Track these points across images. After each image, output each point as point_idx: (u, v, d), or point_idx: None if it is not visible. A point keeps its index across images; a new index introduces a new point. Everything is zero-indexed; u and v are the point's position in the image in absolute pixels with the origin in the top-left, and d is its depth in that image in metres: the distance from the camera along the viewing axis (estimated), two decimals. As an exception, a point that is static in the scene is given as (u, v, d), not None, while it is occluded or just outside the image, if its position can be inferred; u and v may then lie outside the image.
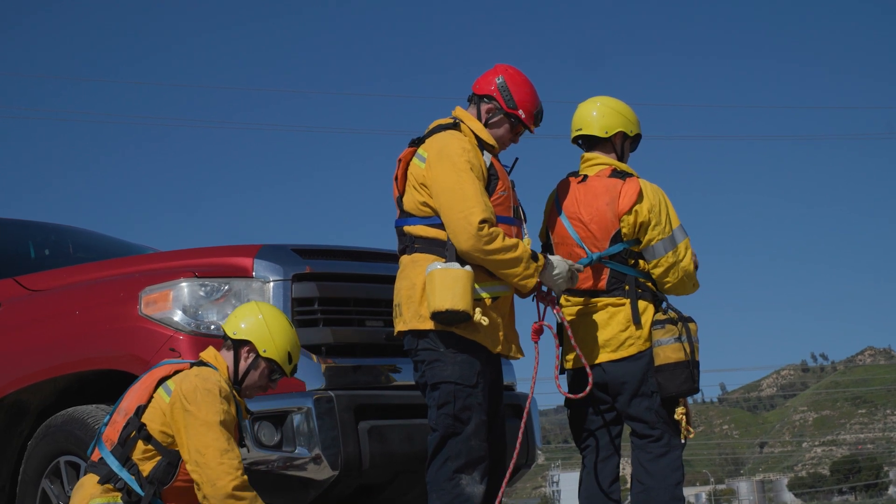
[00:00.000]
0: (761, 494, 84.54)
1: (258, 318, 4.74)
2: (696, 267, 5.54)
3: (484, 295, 4.93)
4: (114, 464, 4.49)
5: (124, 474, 4.47)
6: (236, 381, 4.73)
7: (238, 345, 4.74)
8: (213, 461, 4.41)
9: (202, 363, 4.70)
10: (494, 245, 4.83)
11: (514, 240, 4.93)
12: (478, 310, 4.85)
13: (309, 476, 5.16)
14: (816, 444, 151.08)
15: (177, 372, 4.62)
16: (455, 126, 5.09)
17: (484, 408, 4.91)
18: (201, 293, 5.28)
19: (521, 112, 5.10)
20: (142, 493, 4.45)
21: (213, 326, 5.23)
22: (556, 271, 5.03)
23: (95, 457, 4.59)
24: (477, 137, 5.08)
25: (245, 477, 4.46)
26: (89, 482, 4.51)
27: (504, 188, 5.04)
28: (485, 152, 5.05)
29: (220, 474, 4.40)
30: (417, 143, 5.11)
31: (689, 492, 74.87)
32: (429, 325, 4.88)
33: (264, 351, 4.71)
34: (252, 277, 5.35)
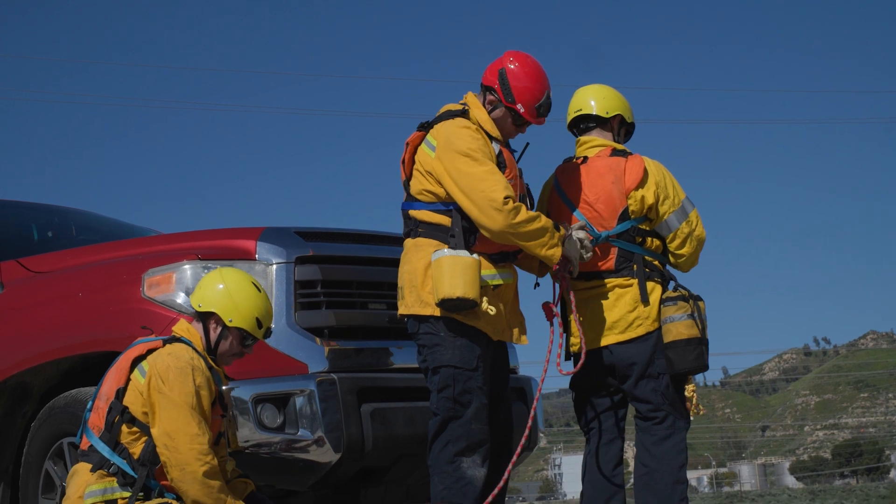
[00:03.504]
0: (763, 478, 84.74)
1: (221, 288, 4.73)
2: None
3: (489, 282, 4.95)
4: (104, 450, 4.50)
5: (116, 459, 4.48)
6: (210, 350, 4.74)
7: (205, 316, 4.74)
8: (183, 446, 4.42)
9: (175, 339, 4.69)
10: (521, 217, 4.86)
11: (535, 212, 4.96)
12: (485, 298, 4.88)
13: (311, 458, 5.16)
14: (818, 427, 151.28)
15: (150, 351, 4.62)
16: (464, 113, 5.08)
17: (485, 391, 4.93)
18: (204, 275, 5.27)
19: (519, 106, 5.05)
20: (135, 476, 4.46)
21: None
22: (575, 238, 5.07)
23: (84, 445, 4.59)
24: (483, 128, 5.07)
25: (215, 462, 4.47)
26: (82, 470, 4.52)
27: (511, 176, 5.03)
28: (493, 141, 5.05)
29: (190, 459, 4.41)
30: (426, 127, 5.10)
31: (691, 475, 74.91)
32: (430, 310, 4.90)
33: (230, 321, 4.70)
34: (255, 260, 5.34)
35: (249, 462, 5.08)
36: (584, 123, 5.60)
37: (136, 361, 4.60)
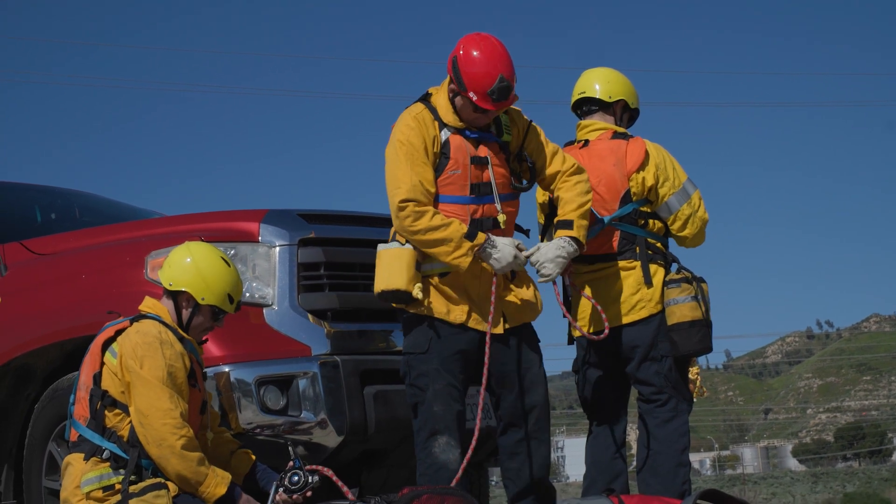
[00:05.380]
0: (765, 460, 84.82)
1: (191, 265, 4.71)
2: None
3: (431, 271, 4.92)
4: (94, 437, 4.50)
5: (107, 444, 4.48)
6: (182, 327, 4.74)
7: (176, 294, 4.73)
8: (157, 421, 4.42)
9: (142, 316, 4.69)
10: (418, 225, 4.77)
11: (447, 220, 4.82)
12: (417, 286, 4.82)
13: (314, 440, 5.17)
14: (821, 410, 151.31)
15: (119, 332, 4.62)
16: (426, 97, 5.02)
17: (445, 373, 4.87)
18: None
19: (471, 94, 4.85)
20: (127, 458, 4.46)
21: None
22: (496, 254, 4.87)
23: (73, 437, 4.59)
24: (438, 113, 4.97)
25: (190, 433, 4.47)
26: (75, 460, 4.52)
27: (456, 167, 4.91)
28: (444, 129, 4.95)
29: (165, 434, 4.41)
30: None
31: (693, 458, 74.93)
32: None
33: (203, 299, 4.70)
34: (258, 242, 5.35)
35: (252, 444, 5.09)
36: (587, 106, 5.59)
37: (107, 345, 4.61)
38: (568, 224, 5.02)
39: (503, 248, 4.86)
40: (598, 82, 5.55)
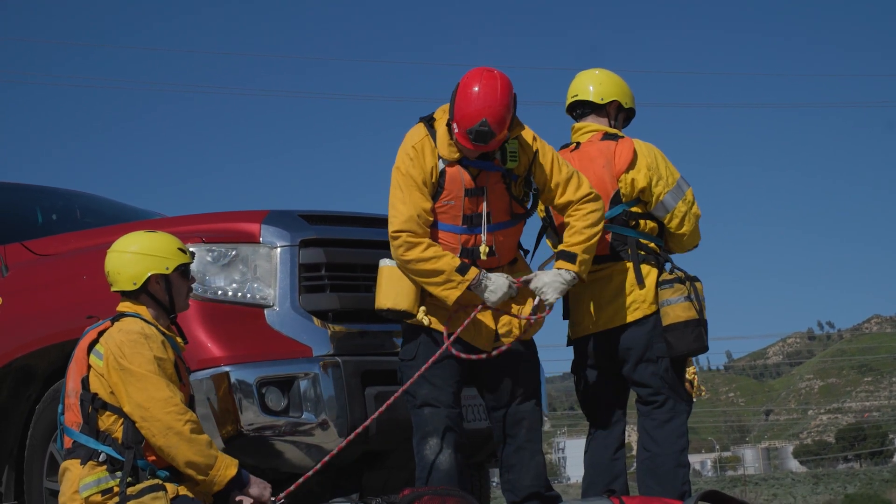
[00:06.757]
0: (766, 462, 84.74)
1: (131, 256, 4.67)
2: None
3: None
4: (89, 441, 4.48)
5: (103, 447, 4.46)
6: (170, 310, 4.72)
7: (145, 287, 4.69)
8: (159, 411, 4.39)
9: (122, 315, 4.67)
10: (409, 255, 4.88)
11: (441, 253, 4.89)
12: (422, 308, 4.96)
13: (315, 442, 5.17)
14: (822, 411, 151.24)
15: (101, 333, 4.61)
16: (430, 121, 5.02)
17: (431, 378, 4.98)
18: (208, 259, 5.27)
19: (454, 125, 4.83)
20: (123, 460, 4.44)
21: (220, 292, 5.24)
22: (492, 286, 4.93)
23: (68, 444, 4.57)
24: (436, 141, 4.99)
25: (195, 418, 4.47)
26: (72, 466, 4.50)
27: (450, 197, 4.95)
28: (441, 159, 4.95)
29: (171, 422, 4.39)
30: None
31: (694, 459, 74.96)
32: None
33: (167, 269, 4.67)
34: (259, 243, 5.34)
35: (253, 445, 5.09)
36: (580, 109, 5.59)
37: (91, 347, 4.60)
38: (570, 257, 5.03)
39: (497, 281, 4.94)
40: (590, 84, 5.56)
